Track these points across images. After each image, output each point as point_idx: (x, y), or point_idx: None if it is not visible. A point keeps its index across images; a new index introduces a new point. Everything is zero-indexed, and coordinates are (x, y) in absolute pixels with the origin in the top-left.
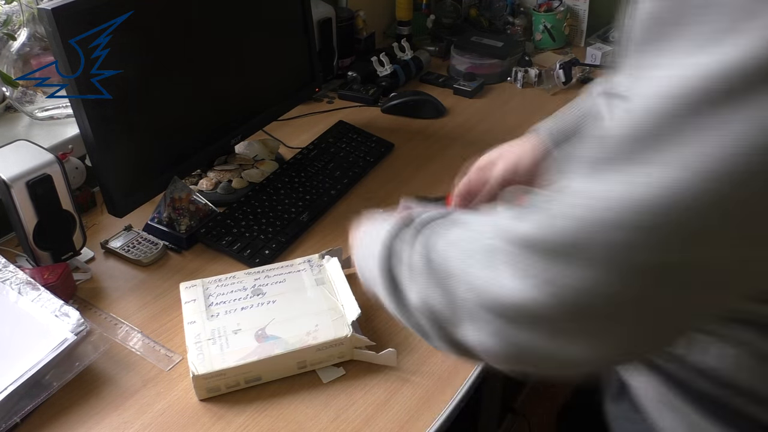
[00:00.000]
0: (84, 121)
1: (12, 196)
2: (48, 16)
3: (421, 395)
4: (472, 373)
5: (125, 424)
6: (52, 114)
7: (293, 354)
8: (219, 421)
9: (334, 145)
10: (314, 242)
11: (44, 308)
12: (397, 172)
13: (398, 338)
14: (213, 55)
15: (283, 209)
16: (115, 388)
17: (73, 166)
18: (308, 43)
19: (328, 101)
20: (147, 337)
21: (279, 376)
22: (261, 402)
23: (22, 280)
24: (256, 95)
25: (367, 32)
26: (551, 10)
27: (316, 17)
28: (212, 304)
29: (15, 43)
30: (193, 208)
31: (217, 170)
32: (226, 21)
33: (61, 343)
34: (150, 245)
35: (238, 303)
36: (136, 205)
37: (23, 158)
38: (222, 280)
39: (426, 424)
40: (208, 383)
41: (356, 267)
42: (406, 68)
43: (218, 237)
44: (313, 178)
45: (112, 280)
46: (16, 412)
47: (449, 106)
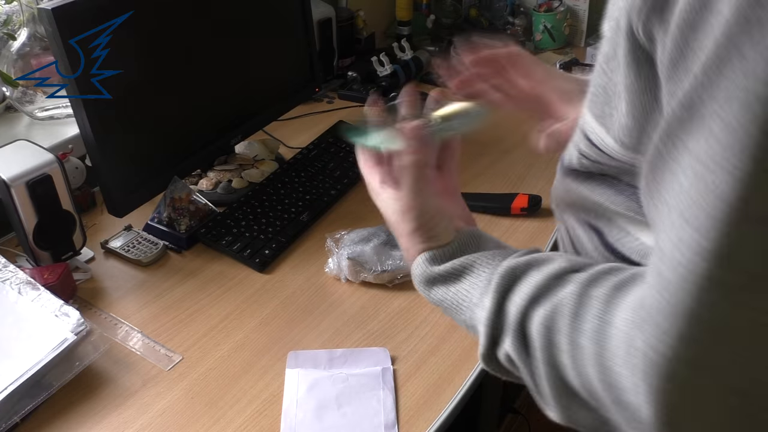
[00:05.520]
0: (84, 121)
1: (12, 196)
2: (48, 16)
3: (421, 395)
4: (472, 373)
5: (125, 424)
6: (52, 114)
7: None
8: (219, 421)
9: (334, 145)
10: (314, 242)
11: (44, 308)
12: None
13: (398, 338)
14: (213, 55)
15: (283, 209)
16: (115, 388)
17: (73, 166)
18: (308, 43)
19: (328, 101)
20: (147, 337)
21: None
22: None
23: (22, 280)
24: (256, 95)
25: (367, 32)
26: (551, 10)
27: (316, 17)
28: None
29: (15, 43)
30: (193, 208)
31: (217, 170)
32: (226, 21)
33: (61, 343)
34: (150, 245)
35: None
36: (136, 205)
37: (23, 158)
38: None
39: (426, 424)
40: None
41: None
42: (406, 68)
43: (218, 237)
44: (313, 178)
45: (112, 280)
46: (16, 412)
47: None
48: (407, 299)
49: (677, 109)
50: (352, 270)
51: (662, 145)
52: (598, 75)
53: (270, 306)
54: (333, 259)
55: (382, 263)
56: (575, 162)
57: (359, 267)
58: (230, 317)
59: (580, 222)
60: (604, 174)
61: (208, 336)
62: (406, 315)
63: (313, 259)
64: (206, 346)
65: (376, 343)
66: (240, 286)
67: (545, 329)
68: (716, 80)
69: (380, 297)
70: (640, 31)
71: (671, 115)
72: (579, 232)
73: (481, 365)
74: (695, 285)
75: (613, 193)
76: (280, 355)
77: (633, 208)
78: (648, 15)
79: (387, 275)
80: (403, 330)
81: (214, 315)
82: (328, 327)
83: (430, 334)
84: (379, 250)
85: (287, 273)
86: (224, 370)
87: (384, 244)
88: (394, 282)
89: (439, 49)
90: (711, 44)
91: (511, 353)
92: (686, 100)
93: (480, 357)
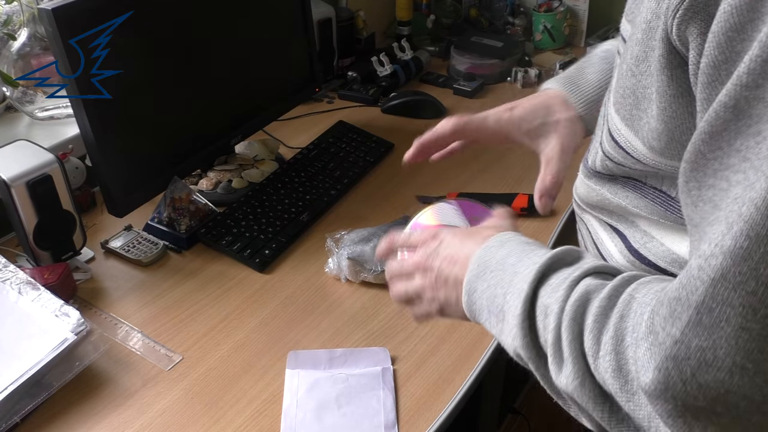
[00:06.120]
0: (84, 121)
1: (12, 196)
2: (48, 16)
3: (421, 395)
4: (472, 373)
5: (125, 424)
6: (52, 114)
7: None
8: (219, 421)
9: (334, 145)
10: (314, 242)
11: (44, 308)
12: (397, 172)
13: (398, 338)
14: (213, 55)
15: (283, 209)
16: (115, 388)
17: (73, 166)
18: (308, 43)
19: (328, 101)
20: (147, 337)
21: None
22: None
23: (22, 280)
24: (256, 95)
25: (367, 32)
26: (551, 11)
27: (316, 17)
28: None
29: (15, 43)
30: (193, 208)
31: (217, 170)
32: (226, 21)
33: (61, 343)
34: (150, 245)
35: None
36: (136, 205)
37: (23, 158)
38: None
39: (426, 424)
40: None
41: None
42: (406, 68)
43: (218, 237)
44: (313, 178)
45: (112, 280)
46: (16, 412)
47: (449, 106)
48: None
49: (720, 110)
50: (352, 270)
51: (704, 145)
52: (626, 77)
53: (270, 306)
54: (333, 259)
55: (382, 263)
56: (599, 164)
57: (359, 267)
58: (230, 317)
59: (601, 224)
60: (628, 177)
61: (208, 336)
62: (406, 315)
63: (313, 259)
64: (206, 346)
65: (376, 343)
66: (240, 286)
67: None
68: (762, 82)
69: (380, 297)
70: (674, 35)
71: (713, 116)
72: (602, 235)
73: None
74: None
75: (636, 197)
76: (280, 355)
77: (657, 212)
78: (683, 18)
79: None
80: (403, 330)
81: (214, 315)
82: (328, 327)
83: (430, 334)
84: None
85: (287, 273)
86: (224, 370)
87: None
88: None
89: (439, 49)
90: (757, 47)
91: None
92: (731, 102)
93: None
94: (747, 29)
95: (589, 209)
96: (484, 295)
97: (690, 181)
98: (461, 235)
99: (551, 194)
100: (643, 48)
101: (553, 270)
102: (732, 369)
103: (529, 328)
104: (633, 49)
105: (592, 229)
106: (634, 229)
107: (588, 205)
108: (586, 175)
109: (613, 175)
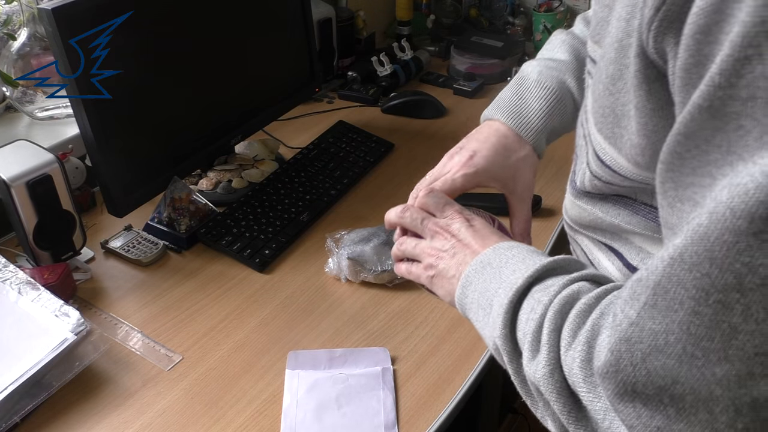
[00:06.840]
0: (84, 121)
1: (12, 196)
2: (48, 16)
3: (421, 395)
4: (472, 373)
5: (125, 424)
6: (52, 114)
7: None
8: (219, 421)
9: (334, 145)
10: (314, 242)
11: (44, 308)
12: (397, 172)
13: (398, 338)
14: (213, 55)
15: (283, 209)
16: (115, 388)
17: (73, 166)
18: (308, 43)
19: (328, 101)
20: (147, 337)
21: None
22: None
23: (22, 280)
24: (256, 95)
25: (367, 32)
26: (551, 10)
27: (316, 17)
28: None
29: (15, 43)
30: (193, 208)
31: (217, 170)
32: (226, 21)
33: (61, 343)
34: (150, 245)
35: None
36: (136, 205)
37: (23, 158)
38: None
39: (426, 424)
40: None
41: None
42: (406, 68)
43: (218, 237)
44: (313, 178)
45: (112, 280)
46: (16, 412)
47: (449, 106)
48: (407, 299)
49: (695, 112)
50: (352, 270)
51: (679, 146)
52: (604, 97)
53: (270, 306)
54: (333, 259)
55: (382, 263)
56: (588, 184)
57: (359, 267)
58: (230, 317)
59: (596, 243)
60: (619, 195)
61: (208, 336)
62: (406, 315)
63: (313, 259)
64: (206, 346)
65: (376, 343)
66: (240, 286)
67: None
68: (735, 81)
69: (380, 297)
70: (651, 48)
71: (688, 118)
72: (597, 255)
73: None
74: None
75: (629, 214)
76: (280, 355)
77: (651, 227)
78: (659, 30)
79: (387, 275)
80: (403, 330)
81: (214, 315)
82: (328, 327)
83: (430, 334)
84: (379, 250)
85: (287, 273)
86: (224, 370)
87: (384, 244)
88: (394, 282)
89: (439, 49)
90: (727, 47)
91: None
92: (705, 103)
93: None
94: (713, 31)
95: (582, 229)
96: (478, 289)
97: (666, 182)
98: (490, 229)
99: (527, 235)
100: (617, 66)
101: (553, 273)
102: (682, 356)
103: (511, 321)
104: (607, 68)
105: (587, 249)
106: (629, 246)
107: (580, 226)
108: (575, 195)
109: (604, 194)
